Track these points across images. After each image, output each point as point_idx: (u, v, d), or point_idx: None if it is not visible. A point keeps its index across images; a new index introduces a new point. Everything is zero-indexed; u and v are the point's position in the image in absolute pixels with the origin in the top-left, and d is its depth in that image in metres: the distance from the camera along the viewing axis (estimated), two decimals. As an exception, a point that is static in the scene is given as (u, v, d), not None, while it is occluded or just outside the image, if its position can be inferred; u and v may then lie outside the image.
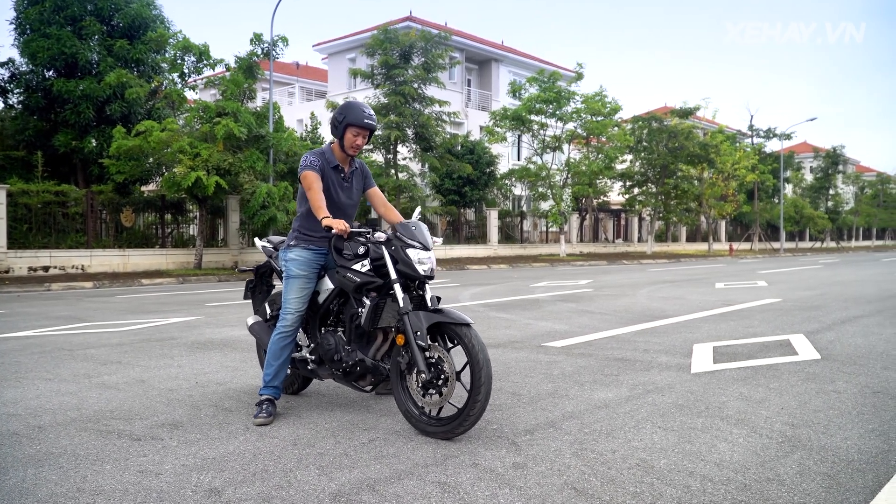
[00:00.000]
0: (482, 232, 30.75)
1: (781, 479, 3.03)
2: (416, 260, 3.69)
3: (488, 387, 3.46)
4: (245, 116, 17.80)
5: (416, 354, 3.58)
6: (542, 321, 8.39)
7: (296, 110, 39.18)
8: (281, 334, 4.04)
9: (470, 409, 3.47)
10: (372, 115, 4.01)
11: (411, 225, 3.84)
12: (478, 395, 3.45)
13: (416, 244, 3.73)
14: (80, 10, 20.42)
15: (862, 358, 5.85)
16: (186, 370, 5.45)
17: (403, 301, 3.66)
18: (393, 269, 3.73)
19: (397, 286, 3.70)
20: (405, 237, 3.76)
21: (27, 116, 21.08)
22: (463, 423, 3.50)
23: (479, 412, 3.48)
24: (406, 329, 3.61)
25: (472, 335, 3.52)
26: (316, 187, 3.92)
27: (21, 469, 3.18)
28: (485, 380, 3.45)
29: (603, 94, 30.04)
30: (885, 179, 67.26)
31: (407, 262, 3.70)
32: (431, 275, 3.75)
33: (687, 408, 4.22)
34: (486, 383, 3.45)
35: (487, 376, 3.46)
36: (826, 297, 11.36)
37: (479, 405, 3.45)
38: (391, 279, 3.73)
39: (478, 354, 3.47)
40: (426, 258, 3.73)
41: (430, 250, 3.76)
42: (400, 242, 3.75)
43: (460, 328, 3.56)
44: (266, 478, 3.06)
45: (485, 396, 3.46)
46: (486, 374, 3.46)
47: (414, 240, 3.75)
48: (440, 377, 3.59)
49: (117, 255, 18.29)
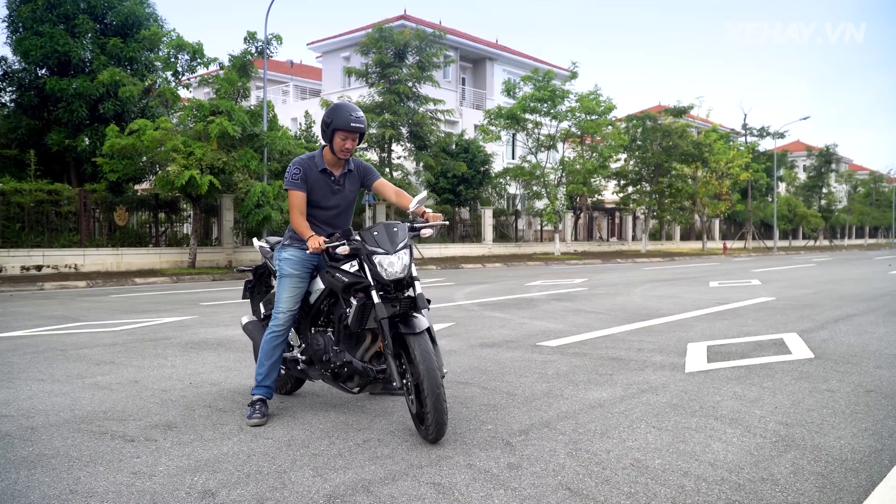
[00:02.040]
0: (477, 231, 30.75)
1: (775, 479, 3.04)
2: (380, 265, 3.63)
3: (434, 397, 3.38)
4: (239, 115, 17.75)
5: (389, 362, 3.58)
6: (536, 320, 8.39)
7: (290, 109, 39.07)
8: (273, 333, 4.03)
9: (425, 419, 3.44)
10: (360, 118, 3.95)
11: (374, 230, 3.76)
12: (425, 407, 3.41)
13: (378, 250, 3.67)
14: (73, 8, 20.31)
15: (855, 357, 5.88)
16: (180, 370, 5.43)
17: (378, 307, 3.59)
18: (369, 275, 3.69)
19: (373, 292, 3.64)
20: (368, 244, 3.70)
21: (20, 115, 20.96)
22: (426, 432, 3.48)
23: (435, 423, 3.41)
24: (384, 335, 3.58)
25: (417, 344, 3.47)
26: (295, 213, 3.96)
27: (13, 471, 3.17)
28: (428, 391, 3.38)
29: (597, 92, 30.07)
30: (877, 178, 67.61)
31: (373, 269, 3.65)
32: (402, 276, 3.66)
33: (681, 407, 4.23)
34: (430, 395, 3.38)
35: (431, 387, 3.38)
36: (819, 296, 11.40)
37: (430, 416, 3.40)
38: (369, 285, 3.68)
39: (419, 365, 3.42)
40: (393, 262, 3.64)
41: (393, 254, 3.66)
42: (365, 251, 3.69)
43: (409, 337, 3.51)
44: (260, 479, 3.05)
45: (433, 406, 3.38)
46: (430, 384, 3.39)
47: (377, 246, 3.68)
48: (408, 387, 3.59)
49: (111, 254, 18.22)
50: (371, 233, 3.75)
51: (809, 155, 58.63)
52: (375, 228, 3.76)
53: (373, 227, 3.78)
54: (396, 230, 3.77)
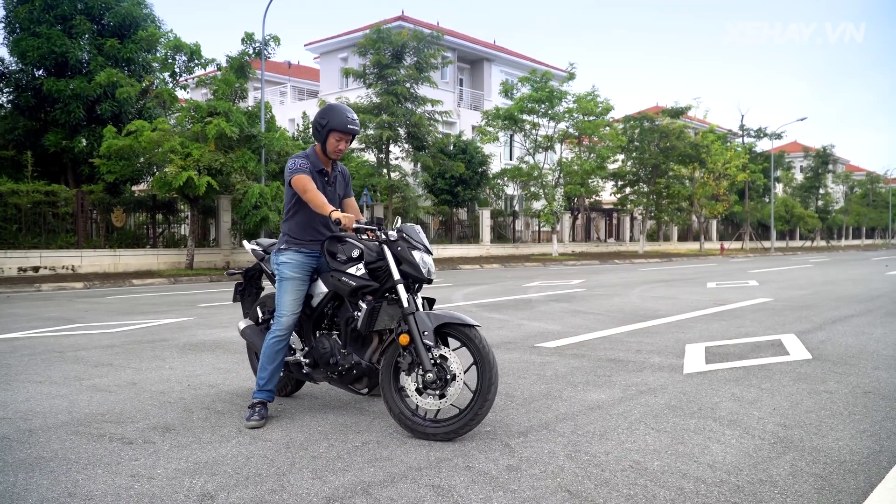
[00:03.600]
0: (475, 231, 30.76)
1: (774, 481, 3.04)
2: (421, 262, 3.75)
3: (496, 386, 3.55)
4: (236, 116, 17.73)
5: (422, 354, 3.59)
6: (534, 321, 8.39)
7: (287, 110, 39.07)
8: (276, 338, 4.02)
9: (479, 407, 3.52)
10: (355, 120, 3.99)
11: (415, 227, 3.90)
12: (487, 394, 3.51)
13: (420, 246, 3.80)
14: (70, 9, 20.28)
15: (853, 358, 5.89)
16: (178, 372, 5.42)
17: (408, 301, 3.68)
18: (396, 270, 3.74)
19: (400, 286, 3.70)
20: (412, 238, 3.81)
21: (17, 116, 20.92)
22: (470, 421, 3.54)
23: (486, 412, 3.55)
24: (412, 329, 3.61)
25: (480, 336, 3.60)
26: (311, 187, 3.91)
27: (11, 473, 3.16)
28: (494, 379, 3.53)
29: (595, 93, 30.11)
30: (874, 179, 67.76)
31: (413, 263, 3.74)
32: (432, 277, 3.82)
33: (679, 409, 4.24)
34: (494, 382, 3.53)
35: (496, 375, 3.56)
36: (817, 297, 11.42)
37: (487, 404, 3.53)
38: (394, 279, 3.73)
39: (488, 354, 3.54)
40: (429, 261, 3.82)
41: (431, 254, 3.86)
42: (406, 243, 3.78)
43: (468, 329, 3.61)
44: (259, 482, 3.04)
45: (493, 395, 3.54)
46: (495, 373, 3.56)
47: (419, 242, 3.82)
48: (444, 377, 3.60)
49: (108, 255, 18.19)
50: (413, 229, 3.88)
51: (806, 156, 58.75)
52: (414, 226, 3.90)
53: (409, 224, 3.90)
54: (420, 231, 3.91)
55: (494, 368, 3.54)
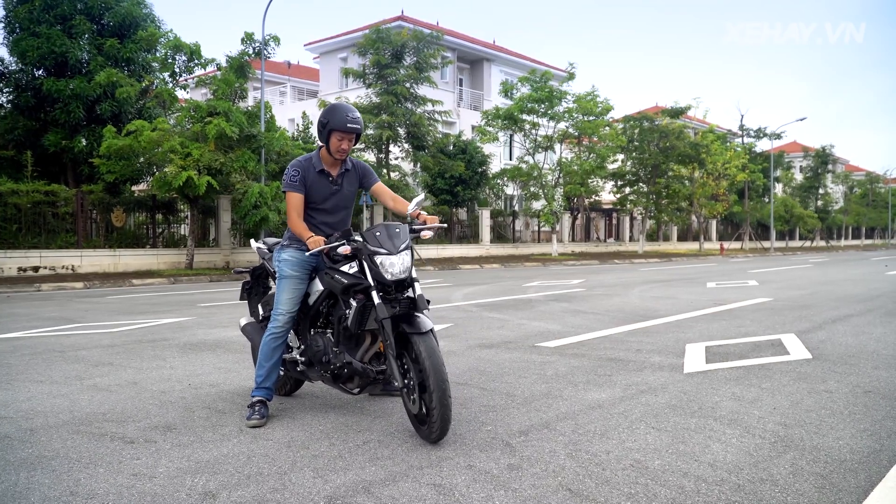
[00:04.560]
0: (474, 231, 30.76)
1: (775, 480, 3.05)
2: (381, 266, 3.63)
3: (440, 392, 3.38)
4: (236, 116, 17.73)
5: (390, 362, 3.58)
6: (534, 321, 8.40)
7: (287, 110, 39.07)
8: (272, 335, 4.03)
9: (430, 416, 3.43)
10: (356, 119, 3.96)
11: (377, 230, 3.76)
12: (432, 403, 3.40)
13: (381, 250, 3.67)
14: (70, 9, 20.28)
15: (853, 357, 5.89)
16: (179, 372, 5.43)
17: (379, 308, 3.59)
18: (370, 276, 3.68)
19: (374, 292, 3.64)
20: (370, 245, 3.70)
21: (17, 116, 20.91)
22: (430, 430, 3.47)
23: (440, 420, 3.40)
24: (385, 335, 3.58)
25: (423, 343, 3.47)
26: (293, 215, 3.98)
27: (13, 473, 3.16)
28: (434, 387, 3.37)
29: (595, 93, 30.10)
30: (874, 179, 67.77)
31: (374, 269, 3.65)
32: (403, 277, 3.66)
33: (680, 408, 4.24)
34: (437, 389, 3.37)
35: (437, 382, 3.38)
36: (816, 297, 11.43)
37: (436, 412, 3.38)
38: (368, 284, 3.68)
39: (424, 361, 3.42)
40: (394, 262, 3.65)
41: (396, 254, 3.66)
42: (366, 251, 3.69)
43: (413, 336, 3.51)
44: (260, 481, 3.05)
45: (439, 402, 3.37)
46: (436, 379, 3.38)
47: (379, 246, 3.68)
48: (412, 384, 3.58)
49: (108, 255, 18.19)
50: (373, 233, 3.74)
51: (806, 156, 58.75)
52: (377, 229, 3.76)
53: (374, 227, 3.79)
54: (398, 231, 3.77)
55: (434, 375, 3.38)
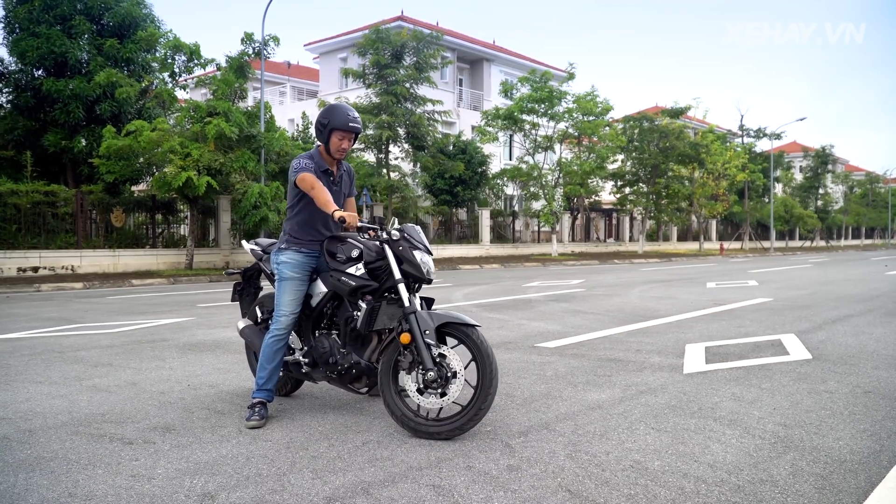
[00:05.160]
0: (474, 232, 30.75)
1: (774, 481, 3.04)
2: (422, 262, 3.79)
3: (497, 381, 3.60)
4: (236, 116, 17.73)
5: (423, 352, 3.61)
6: (534, 321, 8.39)
7: (287, 110, 39.07)
8: (275, 337, 4.02)
9: (481, 402, 3.57)
10: (356, 118, 4.00)
11: (415, 227, 3.95)
12: (489, 389, 3.55)
13: (420, 246, 3.84)
14: (69, 9, 20.27)
15: (853, 358, 5.89)
16: (178, 372, 5.42)
17: (409, 301, 3.71)
18: (397, 269, 3.77)
19: (402, 286, 3.73)
20: (413, 238, 3.85)
21: (16, 116, 20.90)
22: (473, 417, 3.58)
23: (489, 407, 3.59)
24: (413, 328, 3.63)
25: (479, 334, 3.64)
26: (318, 185, 3.91)
27: (12, 474, 3.16)
28: (494, 374, 3.58)
29: (594, 93, 30.09)
30: (873, 179, 67.77)
31: (414, 262, 3.78)
32: (431, 277, 3.86)
33: (680, 409, 4.24)
34: (495, 377, 3.59)
35: (496, 370, 3.59)
36: (816, 297, 11.42)
37: (490, 398, 3.57)
38: (395, 279, 3.75)
39: (487, 350, 3.60)
40: (429, 261, 3.85)
41: (431, 254, 3.89)
42: (408, 243, 3.82)
43: (468, 328, 3.65)
44: (259, 482, 3.04)
45: (494, 390, 3.57)
46: (495, 368, 3.59)
47: (420, 242, 3.86)
48: (445, 375, 3.62)
49: (107, 255, 18.18)
50: (414, 229, 3.92)
51: (806, 156, 58.74)
52: (408, 228, 3.92)
53: (410, 225, 3.93)
54: (420, 232, 3.96)
55: (494, 364, 3.59)
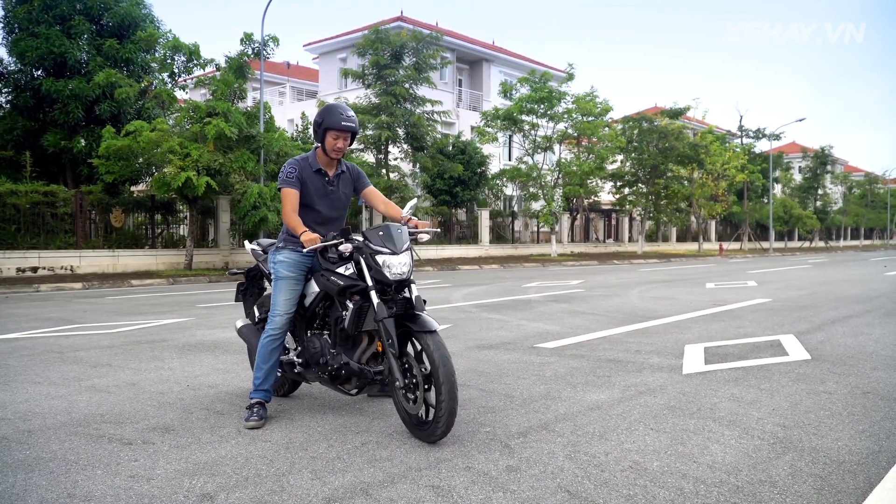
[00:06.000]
0: (473, 232, 30.75)
1: (773, 481, 3.04)
2: (384, 265, 3.64)
3: (450, 385, 3.39)
4: (235, 116, 17.72)
5: (391, 362, 3.58)
6: (534, 322, 8.39)
7: (286, 110, 39.08)
8: (270, 337, 4.03)
9: (437, 410, 3.42)
10: (351, 117, 3.98)
11: (379, 230, 3.78)
12: (440, 395, 3.40)
13: (384, 250, 3.67)
14: (69, 10, 20.27)
15: (852, 358, 5.89)
16: (177, 373, 5.42)
17: (378, 308, 3.61)
18: (368, 276, 3.70)
19: (373, 293, 3.66)
20: (372, 244, 3.71)
21: (15, 116, 20.91)
22: (436, 426, 3.45)
23: (447, 413, 3.40)
24: (382, 337, 3.59)
25: (431, 339, 3.49)
26: (289, 209, 3.96)
27: (11, 474, 3.15)
28: (444, 379, 3.38)
29: (594, 94, 30.10)
30: (873, 179, 67.80)
31: (376, 268, 3.66)
32: (404, 278, 3.68)
33: (679, 409, 4.24)
34: (446, 382, 3.38)
35: (447, 374, 3.39)
36: (815, 297, 11.43)
37: (444, 404, 3.38)
38: (367, 285, 3.69)
39: (433, 354, 3.43)
40: (396, 262, 3.66)
41: (398, 254, 3.68)
42: (368, 250, 3.70)
43: (421, 335, 3.53)
44: (259, 482, 3.04)
45: (448, 395, 3.38)
46: (445, 372, 3.39)
47: (382, 245, 3.69)
48: (413, 383, 3.59)
49: (107, 255, 18.18)
50: (375, 233, 3.76)
51: (805, 156, 58.79)
52: (379, 229, 3.78)
53: (376, 227, 3.80)
54: (400, 231, 3.80)
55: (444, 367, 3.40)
